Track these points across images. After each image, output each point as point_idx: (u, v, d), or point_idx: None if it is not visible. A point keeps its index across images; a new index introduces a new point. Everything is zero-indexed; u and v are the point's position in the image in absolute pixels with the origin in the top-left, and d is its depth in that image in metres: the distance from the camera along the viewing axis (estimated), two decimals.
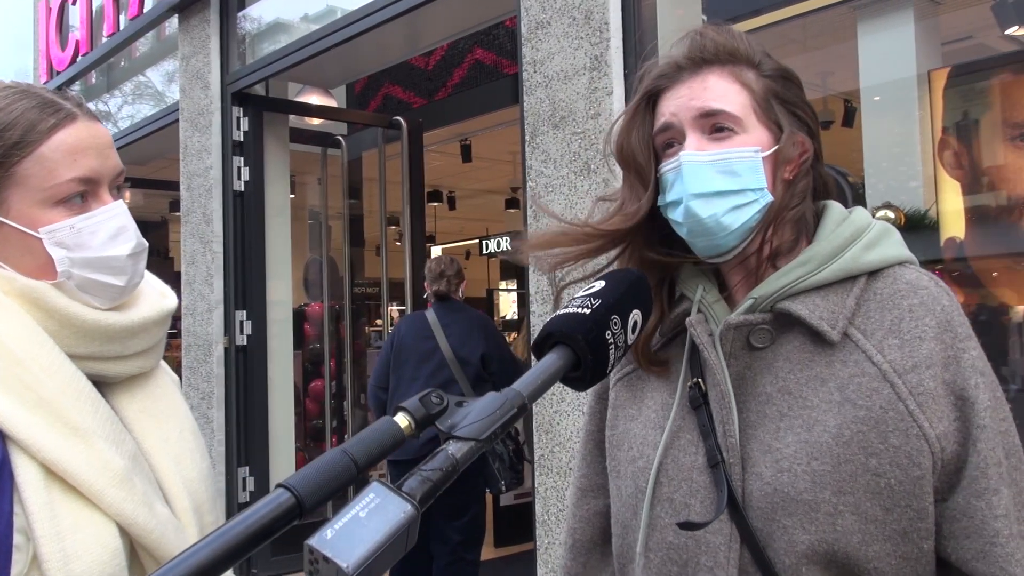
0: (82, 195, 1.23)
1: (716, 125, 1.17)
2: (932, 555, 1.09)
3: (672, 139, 1.20)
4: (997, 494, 1.06)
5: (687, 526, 1.13)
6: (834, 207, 1.22)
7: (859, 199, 3.12)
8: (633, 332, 0.98)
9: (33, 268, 1.22)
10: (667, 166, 1.20)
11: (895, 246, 1.19)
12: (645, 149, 1.22)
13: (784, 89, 1.20)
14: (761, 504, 1.11)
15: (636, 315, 0.98)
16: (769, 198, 1.16)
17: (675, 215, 1.18)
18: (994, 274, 3.01)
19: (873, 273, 1.16)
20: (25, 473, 1.13)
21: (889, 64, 3.27)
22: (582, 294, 0.98)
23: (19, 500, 1.12)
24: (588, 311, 0.93)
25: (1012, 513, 1.06)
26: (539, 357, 0.90)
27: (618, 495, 1.28)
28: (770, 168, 1.17)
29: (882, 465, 1.06)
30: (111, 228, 1.25)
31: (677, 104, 1.19)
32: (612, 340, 0.93)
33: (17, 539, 1.11)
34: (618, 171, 1.28)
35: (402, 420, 0.76)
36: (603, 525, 1.36)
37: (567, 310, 0.94)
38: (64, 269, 1.22)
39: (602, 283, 0.99)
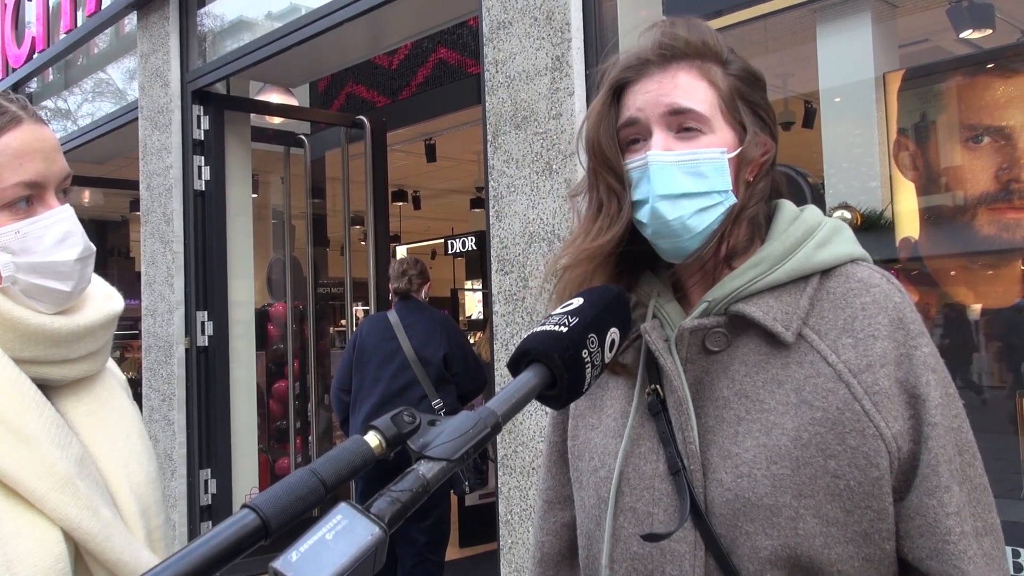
0: (28, 199, 1.22)
1: (683, 124, 1.15)
2: (894, 556, 1.09)
3: (637, 135, 1.18)
4: (948, 491, 1.06)
5: (651, 538, 1.12)
6: (786, 206, 1.22)
7: (819, 199, 3.15)
8: (611, 350, 0.96)
9: None
10: (632, 163, 1.17)
11: (847, 243, 1.18)
12: (613, 144, 1.19)
13: (749, 89, 1.19)
14: (723, 510, 1.10)
15: (614, 333, 0.97)
16: (734, 200, 1.15)
17: (640, 215, 1.17)
18: (952, 273, 3.06)
19: (826, 272, 1.16)
20: None
21: (847, 66, 3.31)
22: (560, 311, 0.96)
23: None
24: (565, 329, 0.91)
25: (965, 510, 1.06)
26: (515, 374, 0.89)
27: (582, 506, 1.27)
28: (733, 169, 1.16)
29: (841, 467, 1.06)
30: (58, 233, 1.23)
31: (644, 99, 1.17)
32: (589, 359, 0.91)
33: None
34: (581, 172, 1.26)
35: (372, 439, 0.75)
36: (571, 537, 1.34)
37: (544, 327, 0.92)
38: (9, 274, 1.20)
39: (580, 300, 0.98)
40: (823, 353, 1.10)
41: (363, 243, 6.50)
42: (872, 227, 2.99)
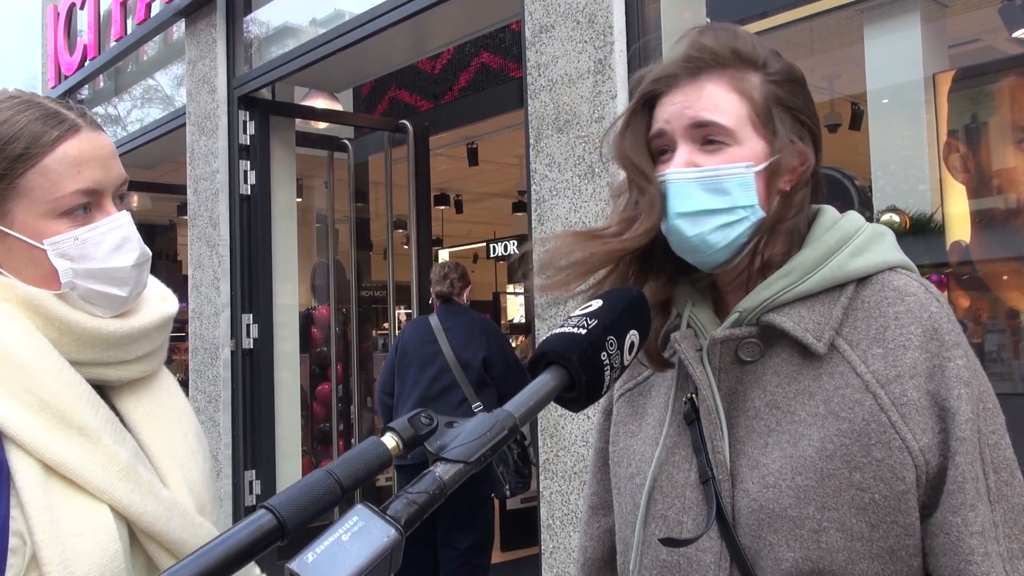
0: (86, 206, 1.24)
1: (708, 136, 1.13)
2: (922, 573, 1.06)
3: (666, 146, 1.17)
4: (973, 510, 1.02)
5: (670, 543, 1.12)
6: (826, 212, 1.19)
7: (867, 203, 3.11)
8: (630, 353, 0.95)
9: (37, 278, 1.23)
10: (659, 176, 1.16)
11: (886, 251, 1.15)
12: (642, 152, 1.18)
13: (790, 94, 1.16)
14: (749, 521, 1.09)
15: (633, 336, 0.96)
16: (760, 214, 1.13)
17: (664, 229, 1.16)
18: (1004, 277, 3.00)
19: (863, 280, 1.13)
20: (24, 476, 1.14)
21: (896, 67, 3.26)
22: (578, 313, 0.95)
23: (17, 503, 1.13)
24: (584, 331, 0.90)
25: (990, 531, 1.03)
26: (534, 376, 0.89)
27: (620, 512, 1.27)
28: (764, 181, 1.13)
29: (866, 479, 1.04)
30: (115, 239, 1.26)
31: (671, 111, 1.16)
32: (608, 361, 0.90)
33: (13, 542, 1.12)
34: (622, 175, 1.26)
35: (389, 440, 0.75)
36: (613, 542, 1.35)
37: (562, 329, 0.92)
38: (68, 280, 1.23)
39: (599, 302, 0.97)
40: (853, 363, 1.08)
41: (405, 247, 6.54)
42: (921, 231, 2.94)
